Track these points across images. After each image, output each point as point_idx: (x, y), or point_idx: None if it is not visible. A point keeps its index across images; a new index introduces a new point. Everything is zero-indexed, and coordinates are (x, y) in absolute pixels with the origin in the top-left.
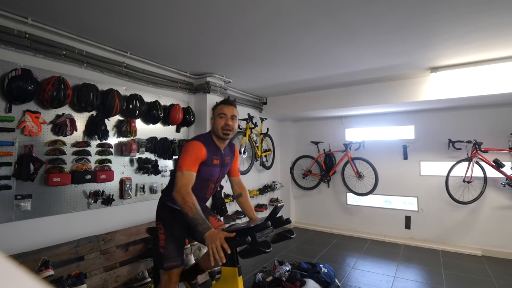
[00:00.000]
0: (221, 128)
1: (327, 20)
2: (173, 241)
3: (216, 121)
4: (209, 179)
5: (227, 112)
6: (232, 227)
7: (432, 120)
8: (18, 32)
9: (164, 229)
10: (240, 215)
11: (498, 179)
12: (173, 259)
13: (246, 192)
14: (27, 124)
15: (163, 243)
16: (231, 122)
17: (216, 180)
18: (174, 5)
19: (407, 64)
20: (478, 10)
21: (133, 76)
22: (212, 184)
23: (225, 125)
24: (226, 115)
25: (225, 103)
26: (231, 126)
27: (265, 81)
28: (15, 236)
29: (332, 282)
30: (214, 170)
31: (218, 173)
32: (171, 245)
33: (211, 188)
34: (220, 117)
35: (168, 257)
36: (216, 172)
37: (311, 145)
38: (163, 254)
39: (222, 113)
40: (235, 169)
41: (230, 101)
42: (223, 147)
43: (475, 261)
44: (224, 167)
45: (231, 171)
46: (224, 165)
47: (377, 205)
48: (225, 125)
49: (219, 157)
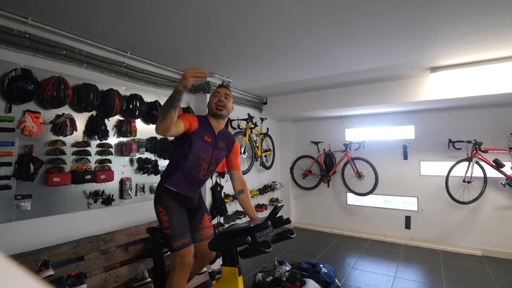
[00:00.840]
0: (215, 104)
1: (327, 21)
2: (177, 218)
3: (210, 99)
4: (200, 156)
5: (220, 91)
6: (232, 227)
7: (432, 120)
8: (18, 32)
9: (165, 210)
10: (240, 215)
11: (498, 179)
12: (181, 236)
13: (247, 189)
14: (27, 124)
15: (167, 224)
16: (224, 99)
17: (209, 160)
18: (176, 5)
19: (407, 64)
20: (477, 10)
21: (133, 76)
22: (205, 164)
23: (219, 101)
24: (220, 93)
25: (220, 86)
26: (224, 103)
27: (265, 81)
28: (15, 236)
29: (332, 282)
30: (206, 146)
31: (210, 152)
32: (176, 222)
33: (204, 168)
34: (214, 95)
35: (176, 235)
36: (208, 149)
37: (311, 145)
38: (170, 234)
39: (216, 92)
40: (235, 162)
41: (224, 84)
42: (218, 129)
43: (475, 261)
44: (218, 149)
45: (230, 163)
46: (217, 147)
47: (377, 205)
48: (219, 101)
49: (211, 136)
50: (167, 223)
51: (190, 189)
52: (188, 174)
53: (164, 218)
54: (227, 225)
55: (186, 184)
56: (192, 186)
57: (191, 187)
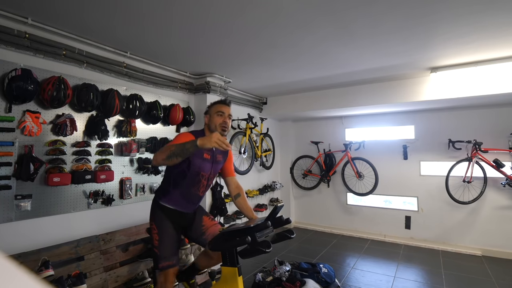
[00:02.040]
0: (220, 125)
1: (327, 20)
2: (167, 240)
3: (213, 118)
4: (200, 173)
5: (225, 110)
6: (232, 227)
7: (432, 120)
8: (18, 32)
9: (158, 229)
10: (240, 215)
11: (498, 179)
12: (167, 258)
13: (244, 192)
14: (27, 124)
15: (157, 243)
16: (228, 120)
17: (208, 176)
18: (173, 5)
19: (407, 64)
20: (477, 10)
21: (133, 76)
22: (204, 180)
23: (223, 122)
24: (224, 114)
25: (223, 103)
26: (227, 124)
27: (265, 81)
28: (15, 236)
29: (332, 282)
30: (205, 164)
31: (209, 169)
32: (165, 245)
33: (203, 184)
34: (218, 114)
35: (163, 256)
36: (207, 167)
37: (311, 145)
38: (158, 254)
39: (220, 111)
40: (230, 169)
41: (227, 102)
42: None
43: (475, 261)
44: (216, 164)
45: (225, 171)
46: (215, 161)
47: (377, 205)
48: (223, 123)
49: (209, 152)
50: (157, 242)
51: (188, 206)
52: (187, 192)
53: (155, 236)
54: (227, 225)
55: (184, 201)
56: (190, 203)
57: (190, 204)
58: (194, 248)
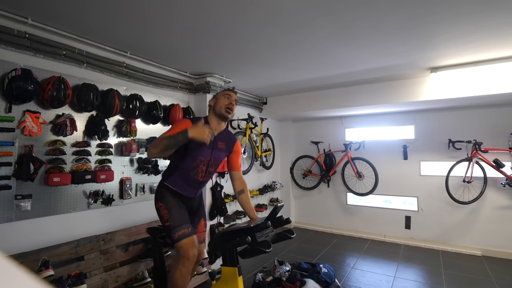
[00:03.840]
0: (225, 106)
1: (327, 20)
2: (176, 210)
3: (219, 100)
4: (198, 158)
5: (232, 95)
6: (232, 227)
7: (432, 120)
8: (18, 32)
9: (164, 204)
10: (240, 215)
11: (498, 179)
12: (181, 226)
13: (247, 189)
14: (27, 124)
15: (167, 216)
16: (234, 103)
17: (207, 162)
18: (175, 6)
19: (407, 64)
20: (477, 10)
21: (133, 76)
22: (203, 166)
23: (229, 103)
24: (231, 97)
25: (230, 90)
26: (233, 107)
27: (265, 81)
28: (15, 236)
29: (332, 282)
30: (203, 149)
31: (208, 154)
32: (175, 214)
33: (202, 170)
34: (225, 97)
35: (176, 225)
36: (206, 152)
37: (311, 145)
38: (171, 226)
39: (227, 94)
40: (236, 162)
41: (234, 90)
42: (218, 130)
43: (475, 261)
44: (217, 150)
45: (231, 163)
46: (216, 148)
47: (377, 205)
48: (229, 104)
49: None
50: (167, 215)
51: (189, 190)
52: (186, 176)
53: (164, 211)
54: (227, 225)
55: (185, 185)
56: (191, 187)
57: (190, 188)
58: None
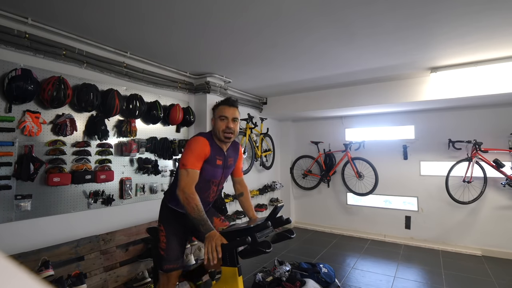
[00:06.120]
0: (222, 131)
1: (327, 20)
2: (175, 244)
3: (216, 123)
4: (211, 180)
5: (228, 114)
6: (232, 227)
7: (432, 120)
8: (18, 32)
9: (165, 231)
10: (240, 215)
11: (498, 179)
12: (173, 262)
13: (248, 192)
14: (27, 124)
15: (164, 246)
16: (232, 125)
17: (218, 182)
18: (174, 5)
19: (407, 64)
20: (477, 10)
21: (133, 76)
22: (215, 186)
23: (226, 128)
24: (227, 118)
25: (226, 104)
26: (232, 129)
27: (265, 81)
28: (15, 236)
29: (332, 282)
30: (217, 171)
31: (220, 175)
32: (172, 248)
33: (213, 190)
34: (220, 119)
35: (168, 259)
36: (218, 173)
37: (311, 145)
38: (163, 256)
39: (223, 116)
40: (239, 169)
41: (232, 102)
42: (226, 148)
43: (475, 261)
44: (227, 169)
45: (234, 171)
46: (226, 166)
47: (377, 205)
48: (226, 128)
49: (222, 158)
50: (164, 244)
51: None
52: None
53: (162, 238)
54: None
55: None
56: None
57: None
58: (194, 248)
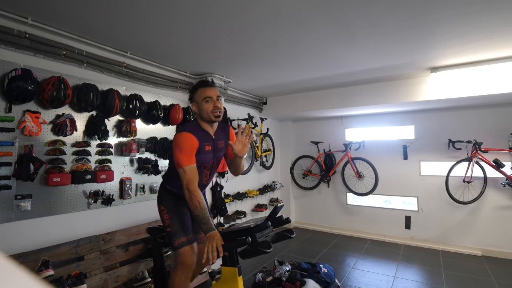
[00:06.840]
0: (211, 112)
1: (327, 20)
2: (178, 216)
3: (202, 106)
4: (202, 166)
5: (211, 94)
6: (232, 227)
7: (432, 120)
8: (18, 32)
9: (166, 209)
10: (240, 215)
11: (498, 179)
12: (181, 234)
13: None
14: (27, 124)
15: (168, 222)
16: (219, 103)
17: (210, 166)
18: (174, 5)
19: (407, 64)
20: (477, 10)
21: (133, 76)
22: (207, 170)
23: (215, 108)
24: (212, 98)
25: (206, 85)
26: (220, 108)
27: (265, 81)
28: (15, 236)
29: (332, 282)
30: (207, 157)
31: (211, 159)
32: (177, 221)
33: (206, 174)
34: (205, 101)
35: (176, 233)
36: (208, 158)
37: (311, 145)
38: (171, 232)
39: (207, 97)
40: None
41: (211, 82)
42: (213, 131)
43: (475, 261)
44: (218, 152)
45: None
46: (217, 150)
47: (377, 205)
48: (215, 108)
49: (210, 143)
50: (168, 221)
51: None
52: None
53: (165, 216)
54: (227, 225)
55: None
56: None
57: None
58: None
